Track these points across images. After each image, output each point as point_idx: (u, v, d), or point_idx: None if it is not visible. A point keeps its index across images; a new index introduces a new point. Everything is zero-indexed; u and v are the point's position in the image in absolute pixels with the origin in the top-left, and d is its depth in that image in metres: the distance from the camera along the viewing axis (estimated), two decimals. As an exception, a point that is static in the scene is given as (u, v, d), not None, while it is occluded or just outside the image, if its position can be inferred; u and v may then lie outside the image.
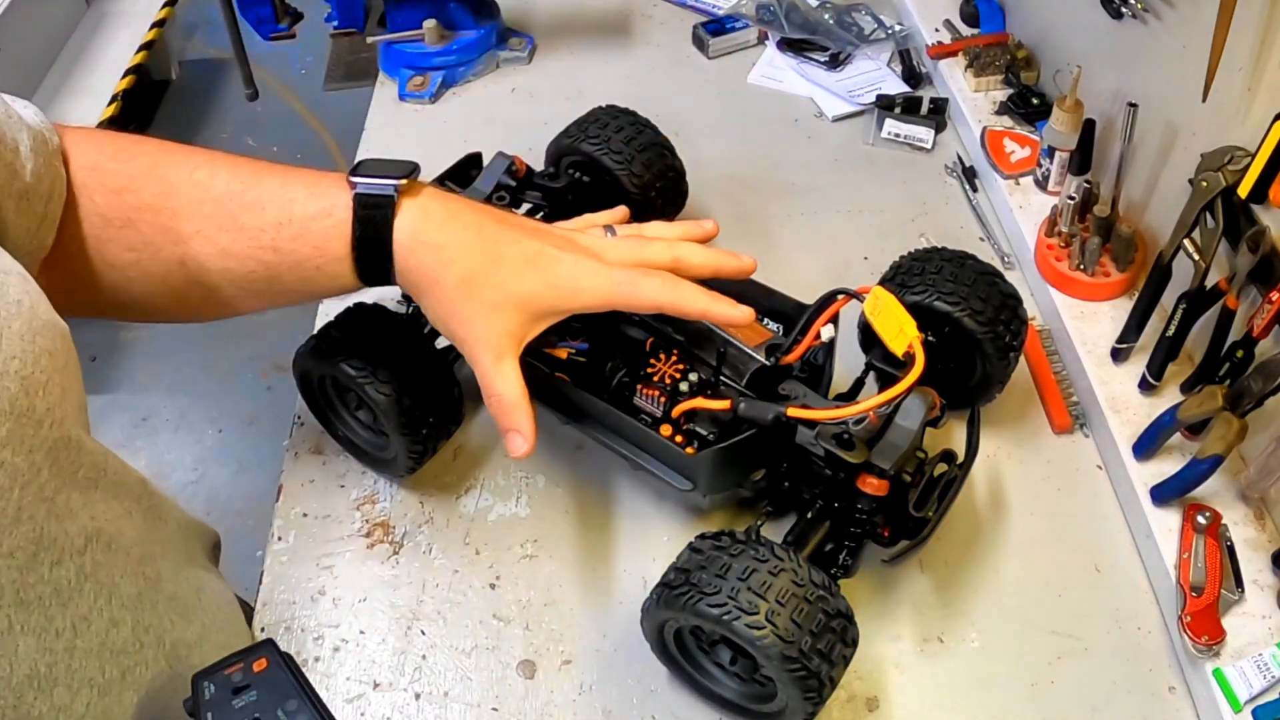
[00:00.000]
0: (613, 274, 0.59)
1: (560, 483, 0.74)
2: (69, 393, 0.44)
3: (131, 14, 2.21)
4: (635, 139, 0.82)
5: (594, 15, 1.20)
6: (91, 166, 0.56)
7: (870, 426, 0.60)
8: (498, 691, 0.64)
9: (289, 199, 0.57)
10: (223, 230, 0.57)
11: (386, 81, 1.11)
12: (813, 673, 0.53)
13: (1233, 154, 0.66)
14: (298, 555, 0.70)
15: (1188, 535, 0.66)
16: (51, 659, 0.42)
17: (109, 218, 0.56)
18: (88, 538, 0.45)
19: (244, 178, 0.58)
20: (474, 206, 0.60)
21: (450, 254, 0.57)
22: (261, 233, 0.57)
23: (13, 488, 0.39)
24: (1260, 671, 0.60)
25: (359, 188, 0.57)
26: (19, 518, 0.40)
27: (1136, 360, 0.75)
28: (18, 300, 0.42)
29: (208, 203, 0.57)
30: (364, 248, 0.57)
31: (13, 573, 0.40)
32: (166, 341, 2.11)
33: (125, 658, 0.48)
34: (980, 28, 1.08)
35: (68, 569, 0.43)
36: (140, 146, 0.59)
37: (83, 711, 0.44)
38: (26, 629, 0.40)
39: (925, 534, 0.61)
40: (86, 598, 0.45)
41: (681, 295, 0.60)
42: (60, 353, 0.43)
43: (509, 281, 0.57)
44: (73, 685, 0.43)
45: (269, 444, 1.88)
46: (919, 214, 0.93)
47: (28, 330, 0.41)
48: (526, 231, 0.60)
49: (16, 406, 0.39)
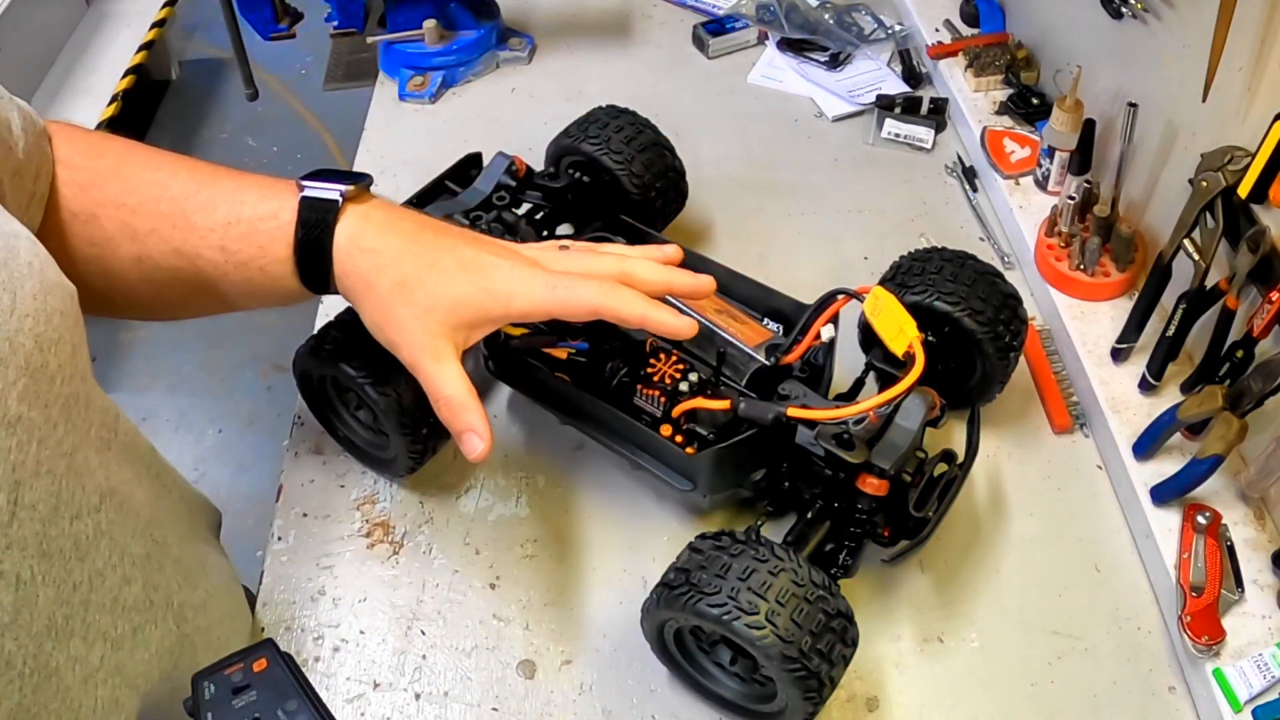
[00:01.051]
0: (549, 279, 0.58)
1: (560, 483, 0.74)
2: (79, 351, 0.45)
3: (131, 14, 2.21)
4: (635, 139, 0.82)
5: (594, 15, 1.20)
6: (62, 160, 0.57)
7: (870, 426, 0.60)
8: (498, 691, 0.64)
9: (240, 200, 0.58)
10: (175, 229, 0.58)
11: (386, 81, 1.11)
12: (813, 673, 0.53)
13: (1233, 154, 0.66)
14: (298, 555, 0.70)
15: (1188, 535, 0.66)
16: (69, 610, 0.43)
17: (75, 211, 0.57)
18: (102, 496, 0.47)
19: (201, 179, 0.59)
20: (416, 217, 0.61)
21: (385, 259, 0.57)
22: (211, 232, 0.58)
23: (30, 441, 0.41)
24: (1260, 671, 0.60)
25: (306, 191, 0.58)
26: (38, 471, 0.41)
27: (1136, 360, 0.75)
28: (29, 262, 0.43)
29: (164, 200, 0.58)
30: (305, 250, 0.57)
31: (35, 524, 0.41)
32: (166, 341, 2.11)
33: (136, 615, 0.49)
34: (980, 28, 1.08)
35: (85, 524, 0.45)
36: (107, 143, 0.60)
37: (97, 664, 0.45)
38: (47, 580, 0.42)
39: (925, 534, 0.61)
40: (102, 553, 0.46)
41: (619, 300, 0.58)
42: (70, 312, 0.45)
43: (441, 285, 0.57)
44: (88, 637, 0.45)
45: (269, 444, 1.88)
46: (919, 214, 0.93)
47: (39, 290, 0.43)
48: (465, 240, 0.60)
49: (31, 363, 0.41)
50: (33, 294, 0.42)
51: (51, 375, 0.42)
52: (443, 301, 0.57)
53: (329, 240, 0.57)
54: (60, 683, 0.42)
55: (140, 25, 2.17)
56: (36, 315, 0.42)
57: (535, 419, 0.77)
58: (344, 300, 0.70)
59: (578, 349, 0.68)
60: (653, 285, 0.61)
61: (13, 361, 0.40)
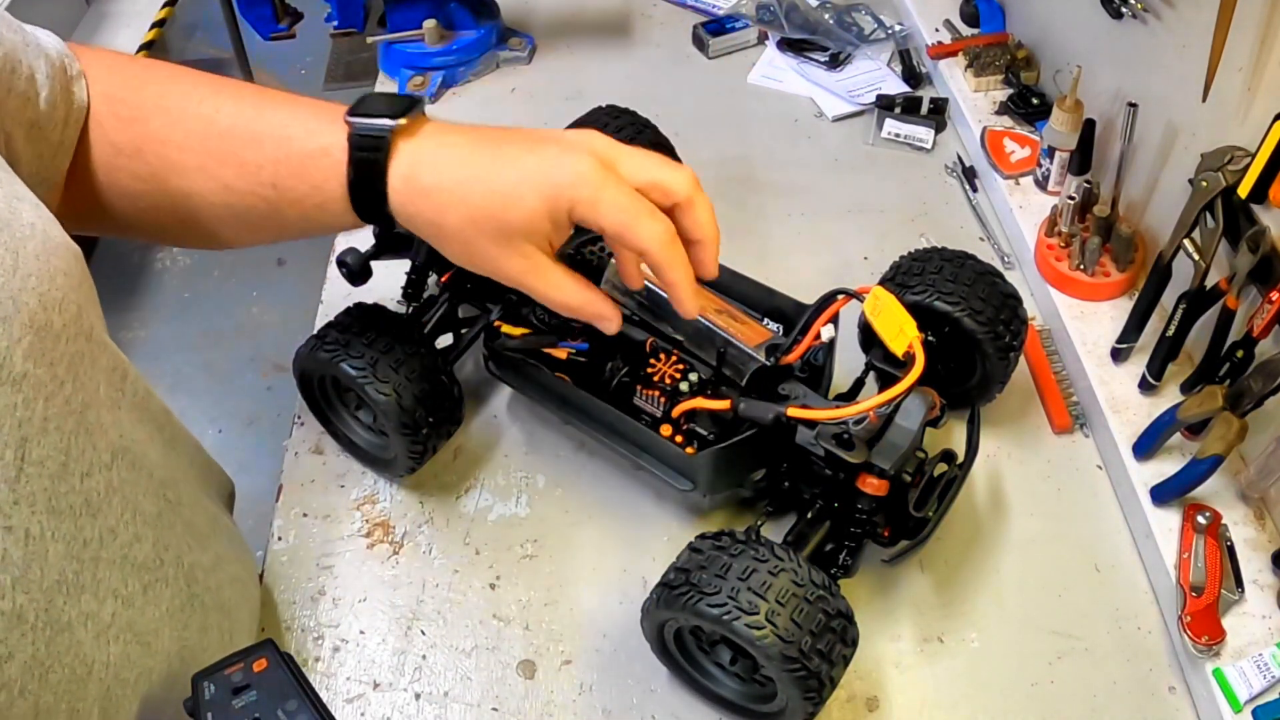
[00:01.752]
0: (617, 195, 0.54)
1: (560, 483, 0.74)
2: (85, 311, 0.46)
3: (131, 14, 2.20)
4: (635, 139, 0.82)
5: (594, 15, 1.20)
6: (105, 95, 0.57)
7: (870, 426, 0.60)
8: (498, 691, 0.64)
9: (289, 136, 0.56)
10: (224, 166, 0.56)
11: (386, 81, 1.11)
12: (813, 673, 0.53)
13: (1233, 154, 0.66)
14: (298, 555, 0.70)
15: (1188, 535, 0.66)
16: (79, 566, 0.44)
17: (119, 146, 0.56)
18: (115, 453, 0.47)
19: (247, 111, 0.57)
20: (470, 136, 0.57)
21: (445, 197, 0.55)
22: (260, 169, 0.56)
23: (37, 398, 0.41)
24: (1260, 671, 0.60)
25: (356, 128, 0.55)
26: (46, 428, 0.42)
27: (1136, 360, 0.75)
28: (31, 224, 0.44)
29: (212, 137, 0.56)
30: (359, 190, 0.55)
31: (44, 480, 0.42)
32: (166, 341, 2.11)
33: (146, 573, 0.49)
34: (980, 28, 1.08)
35: (97, 481, 0.45)
36: (151, 73, 0.59)
37: (109, 620, 0.45)
38: (57, 535, 0.42)
39: (925, 534, 0.61)
40: (114, 510, 0.46)
41: (671, 258, 0.55)
42: (75, 273, 0.45)
43: (509, 208, 0.54)
44: (99, 593, 0.45)
45: (269, 444, 1.87)
46: (919, 214, 0.93)
47: (42, 251, 0.43)
48: (525, 147, 0.56)
49: (35, 321, 0.41)
50: (35, 254, 0.43)
51: (57, 334, 0.43)
52: (515, 223, 0.54)
53: (383, 182, 0.54)
54: (72, 637, 0.43)
55: (140, 25, 2.17)
56: (40, 275, 0.42)
57: (535, 419, 0.77)
58: (345, 299, 0.70)
59: (578, 349, 0.68)
60: (706, 230, 0.57)
61: (17, 319, 0.40)
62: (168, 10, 2.21)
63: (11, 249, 0.42)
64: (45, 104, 0.53)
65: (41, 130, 0.53)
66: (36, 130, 0.52)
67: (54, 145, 0.54)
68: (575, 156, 0.54)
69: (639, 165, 0.56)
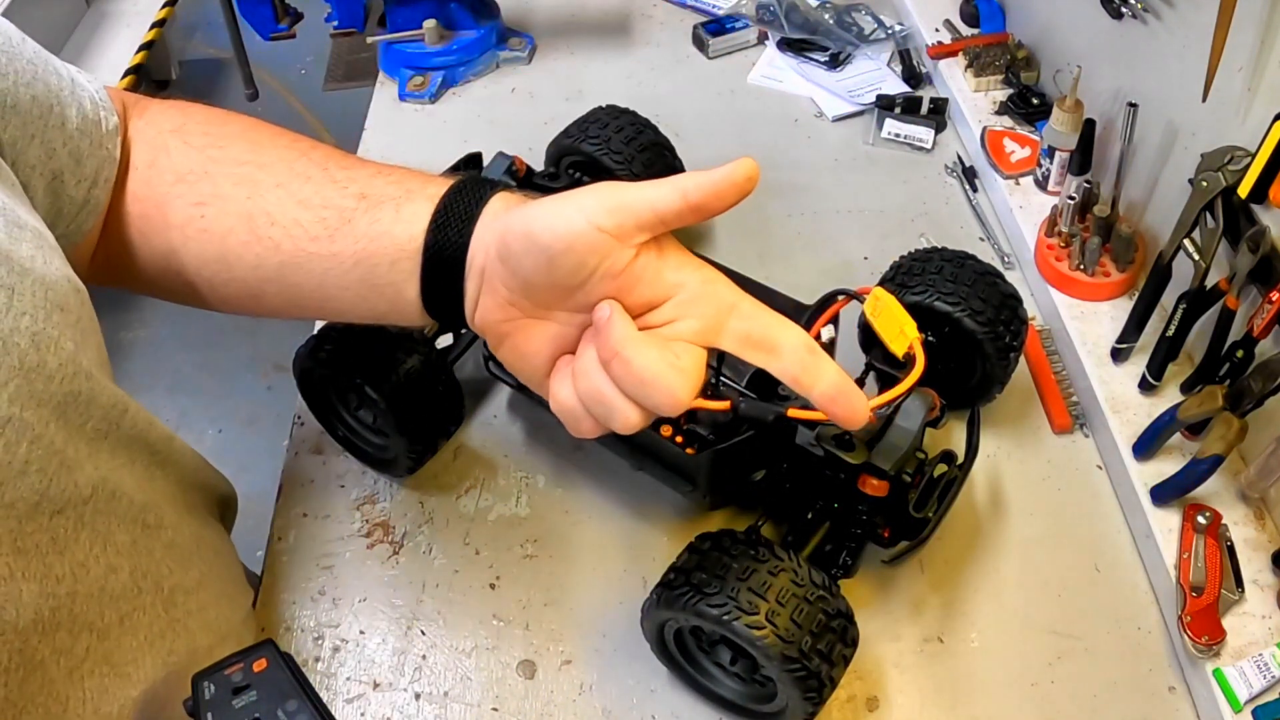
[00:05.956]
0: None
1: (560, 483, 0.74)
2: (83, 347, 0.44)
3: (131, 14, 2.20)
4: (635, 139, 0.83)
5: (594, 15, 1.20)
6: (175, 128, 0.55)
7: (870, 427, 0.60)
8: (498, 691, 0.64)
9: (375, 219, 0.50)
10: (308, 182, 0.52)
11: (386, 81, 1.11)
12: (813, 673, 0.53)
13: (1233, 154, 0.66)
14: (298, 555, 0.70)
15: (1188, 535, 0.66)
16: (55, 603, 0.43)
17: (183, 172, 0.53)
18: (94, 487, 0.46)
19: (335, 170, 0.52)
20: None
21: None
22: (346, 190, 0.51)
23: (20, 442, 0.40)
24: (1260, 671, 0.60)
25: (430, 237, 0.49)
26: (25, 470, 0.40)
27: (1136, 360, 0.75)
28: (30, 256, 0.42)
29: (299, 161, 0.53)
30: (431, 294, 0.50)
31: (11, 522, 0.40)
32: (166, 341, 2.11)
33: (123, 603, 0.48)
34: (980, 28, 1.08)
35: (68, 517, 0.44)
36: (233, 116, 0.57)
37: (83, 655, 0.45)
38: (27, 575, 0.41)
39: (925, 534, 0.61)
40: (83, 545, 0.45)
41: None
42: (73, 308, 0.44)
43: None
44: (74, 629, 0.44)
45: (269, 444, 1.88)
46: (919, 214, 0.93)
47: (39, 286, 0.41)
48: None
49: (26, 362, 0.40)
50: (31, 290, 0.41)
51: (50, 374, 0.41)
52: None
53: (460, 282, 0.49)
54: (45, 675, 0.42)
55: (140, 25, 2.17)
56: (34, 313, 0.41)
57: (535, 419, 0.77)
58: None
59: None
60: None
61: (5, 362, 0.39)
62: (168, 10, 2.21)
63: (7, 285, 0.40)
64: (69, 156, 0.49)
65: (62, 184, 0.50)
66: (58, 183, 0.50)
67: (77, 204, 0.51)
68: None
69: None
